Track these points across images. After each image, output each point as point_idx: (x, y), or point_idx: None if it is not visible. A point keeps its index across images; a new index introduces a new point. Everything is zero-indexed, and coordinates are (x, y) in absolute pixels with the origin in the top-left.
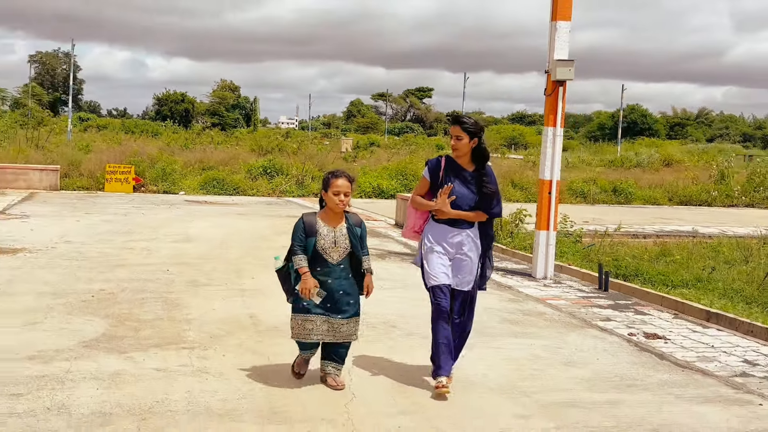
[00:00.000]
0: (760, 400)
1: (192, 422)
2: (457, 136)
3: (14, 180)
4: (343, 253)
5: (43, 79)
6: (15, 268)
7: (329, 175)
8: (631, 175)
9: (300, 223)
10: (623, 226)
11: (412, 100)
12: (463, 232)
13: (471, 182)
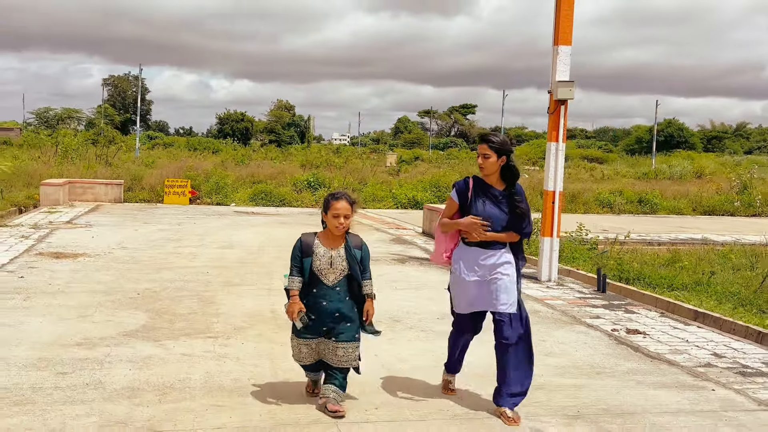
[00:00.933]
0: (714, 386)
1: (205, 396)
2: (485, 154)
3: (82, 193)
4: (340, 275)
5: (115, 101)
6: (75, 271)
7: (330, 197)
8: (662, 186)
9: (298, 243)
10: (641, 234)
11: (456, 117)
12: (496, 254)
13: (502, 202)
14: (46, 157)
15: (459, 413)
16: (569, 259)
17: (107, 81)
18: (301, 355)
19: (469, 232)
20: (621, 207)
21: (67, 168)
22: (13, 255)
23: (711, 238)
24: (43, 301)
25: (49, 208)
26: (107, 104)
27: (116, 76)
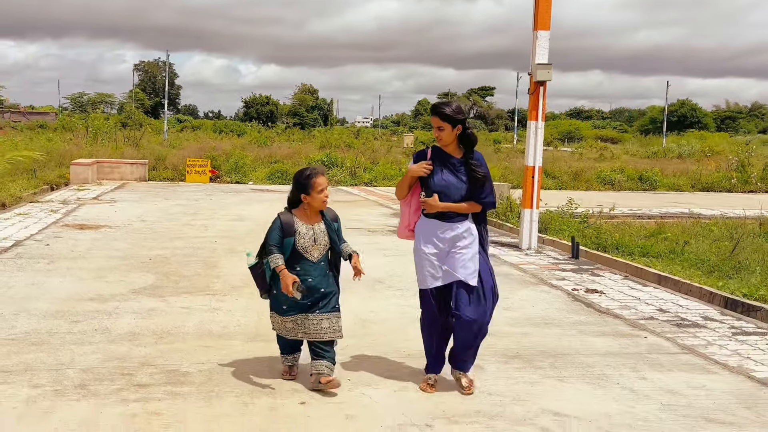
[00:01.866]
0: (648, 335)
1: (195, 340)
2: (438, 126)
3: (110, 172)
4: (324, 250)
5: (146, 86)
6: (95, 240)
7: (307, 177)
8: (667, 165)
9: (277, 222)
10: (633, 209)
11: (474, 99)
12: (456, 226)
13: (460, 169)
14: (77, 139)
15: (413, 352)
16: (557, 231)
17: (138, 66)
18: (286, 329)
19: (427, 204)
20: (622, 184)
21: (97, 149)
22: (42, 226)
23: (700, 212)
24: (65, 265)
25: (78, 186)
26: (138, 89)
27: (147, 61)
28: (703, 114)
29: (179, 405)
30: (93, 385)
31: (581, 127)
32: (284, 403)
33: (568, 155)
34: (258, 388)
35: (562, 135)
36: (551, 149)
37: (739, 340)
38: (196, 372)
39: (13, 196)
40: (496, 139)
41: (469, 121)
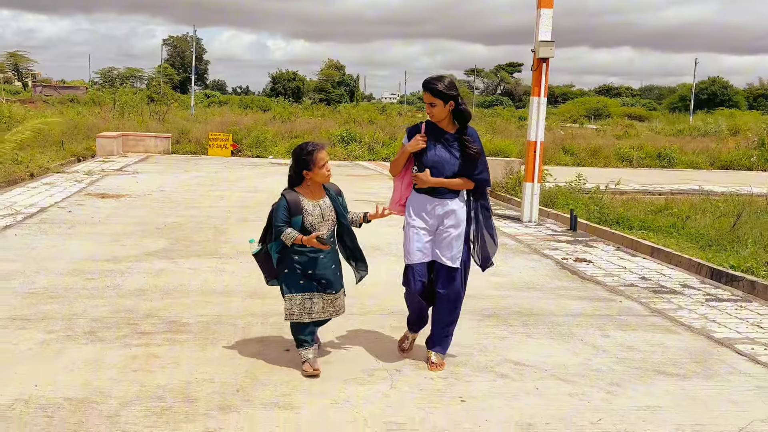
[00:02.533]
0: (623, 299)
1: (198, 296)
2: (431, 102)
3: (135, 145)
4: (332, 225)
5: (174, 61)
6: (115, 208)
7: (308, 153)
8: (690, 143)
9: (282, 201)
10: (645, 185)
11: (502, 75)
12: (446, 203)
13: (453, 145)
14: (105, 113)
15: (396, 311)
16: (562, 206)
17: (167, 41)
18: (305, 310)
19: (419, 179)
20: (640, 161)
21: (123, 123)
22: (66, 195)
23: (712, 189)
24: (85, 230)
25: (103, 158)
26: (167, 64)
27: (175, 36)
28: (735, 92)
29: (176, 350)
30: (101, 332)
31: (609, 104)
32: (270, 350)
33: (591, 132)
34: (249, 338)
35: (589, 112)
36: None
37: (710, 306)
38: (194, 323)
39: (41, 167)
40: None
41: (497, 97)
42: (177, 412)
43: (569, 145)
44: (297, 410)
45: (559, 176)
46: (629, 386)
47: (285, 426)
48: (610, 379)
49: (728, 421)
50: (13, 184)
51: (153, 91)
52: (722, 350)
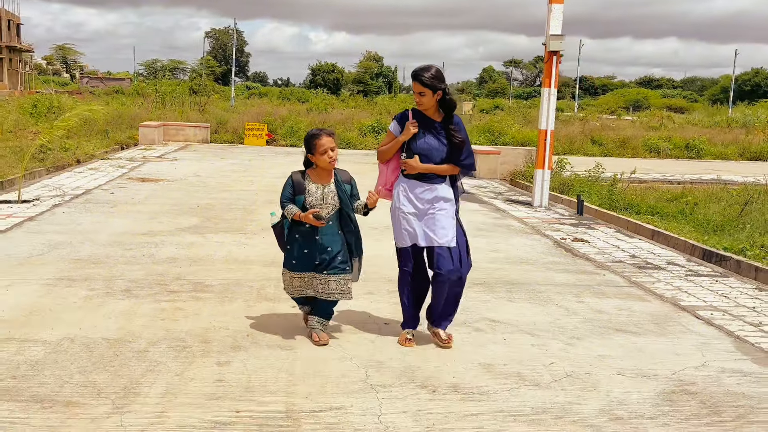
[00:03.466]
0: (607, 272)
1: (222, 264)
2: (420, 92)
3: (175, 134)
4: (332, 209)
5: (216, 53)
6: (153, 190)
7: (310, 138)
8: (720, 135)
9: (289, 180)
10: (665, 174)
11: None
12: (435, 188)
13: (441, 133)
14: (147, 104)
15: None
16: (578, 192)
17: (209, 34)
18: (293, 287)
19: (408, 165)
20: (667, 152)
21: (165, 113)
22: (109, 179)
23: (733, 179)
24: (125, 209)
25: (145, 147)
26: (209, 56)
27: (218, 29)
28: None
29: (199, 304)
30: (135, 291)
31: (650, 95)
32: (281, 306)
33: (626, 123)
34: (262, 297)
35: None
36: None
37: (687, 280)
38: (216, 284)
39: (86, 153)
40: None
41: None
42: (195, 349)
43: (598, 136)
44: (294, 350)
45: (585, 166)
46: (587, 340)
47: (283, 361)
48: (572, 334)
49: (665, 366)
50: (61, 169)
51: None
52: (683, 315)
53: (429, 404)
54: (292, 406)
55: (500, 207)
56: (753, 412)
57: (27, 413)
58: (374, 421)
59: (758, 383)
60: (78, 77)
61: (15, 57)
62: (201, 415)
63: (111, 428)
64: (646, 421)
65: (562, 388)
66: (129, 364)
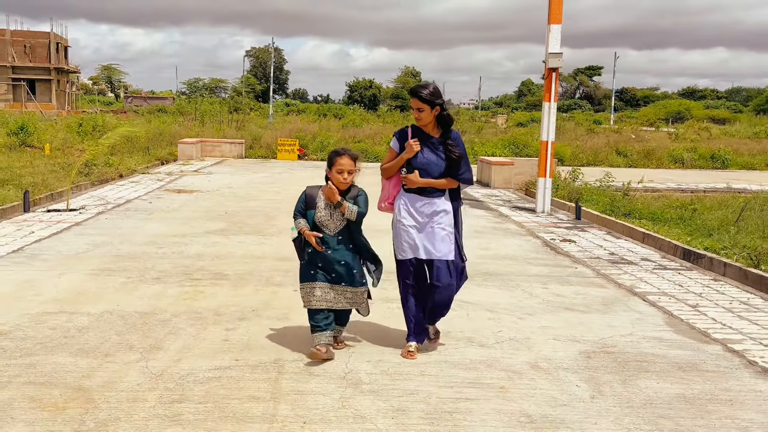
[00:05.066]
0: (580, 266)
1: (240, 258)
2: (418, 108)
3: (212, 150)
4: (340, 225)
5: (257, 71)
6: (187, 200)
7: (333, 154)
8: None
9: (302, 195)
10: (680, 184)
11: (581, 79)
12: (434, 202)
13: (438, 148)
14: (187, 122)
15: None
16: (589, 201)
17: (250, 53)
18: (315, 297)
19: (408, 180)
20: (693, 163)
21: (203, 130)
22: (148, 190)
23: (747, 188)
24: (160, 215)
25: (183, 162)
26: (249, 74)
27: (258, 48)
28: None
29: (217, 288)
30: (164, 278)
31: (692, 107)
32: (283, 289)
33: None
34: (270, 283)
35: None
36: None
37: (652, 272)
38: (233, 274)
39: (128, 168)
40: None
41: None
42: (208, 319)
43: (623, 147)
44: (291, 321)
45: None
46: (538, 316)
47: (278, 328)
48: (526, 311)
49: (596, 335)
50: (105, 182)
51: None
52: (632, 298)
53: (388, 356)
54: (279, 357)
55: (504, 213)
56: (653, 366)
57: (75, 359)
58: (342, 366)
59: (669, 347)
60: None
61: (63, 78)
62: (208, 362)
63: (138, 369)
64: (561, 370)
65: (501, 348)
66: (155, 329)
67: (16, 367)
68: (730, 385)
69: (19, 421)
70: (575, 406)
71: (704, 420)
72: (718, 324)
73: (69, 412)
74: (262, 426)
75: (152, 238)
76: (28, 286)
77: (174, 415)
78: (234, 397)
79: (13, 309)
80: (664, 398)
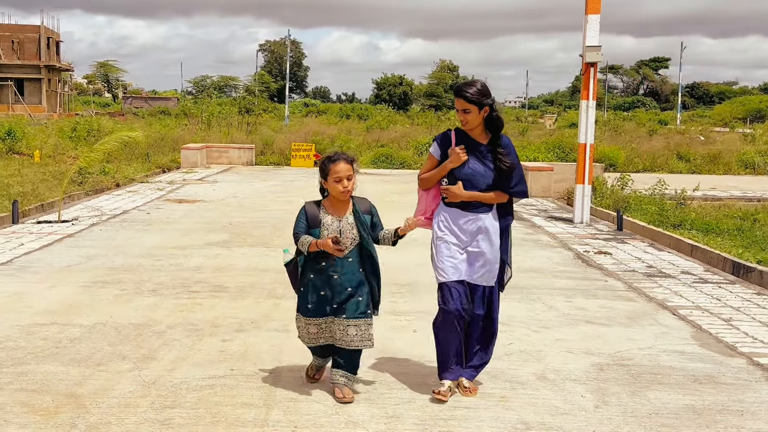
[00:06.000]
0: (611, 279)
1: (242, 271)
2: (464, 109)
3: (218, 157)
4: (351, 244)
5: (271, 68)
6: (189, 211)
7: (326, 161)
8: None
9: (302, 212)
10: (746, 192)
11: (645, 72)
12: (480, 218)
13: (486, 156)
14: (192, 125)
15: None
16: (636, 210)
17: (264, 47)
18: (309, 335)
19: (450, 192)
20: (766, 168)
21: (210, 134)
22: (146, 200)
23: None
24: (159, 227)
25: (187, 170)
26: (263, 71)
27: (272, 41)
28: None
29: (215, 301)
30: (160, 291)
31: None
32: (284, 301)
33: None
34: (272, 295)
35: (749, 113)
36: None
37: (691, 286)
38: (233, 287)
39: (126, 177)
40: (662, 120)
41: (639, 97)
42: (205, 331)
43: (685, 151)
44: (291, 333)
45: (671, 183)
46: (554, 329)
47: (277, 339)
48: (543, 324)
49: (613, 348)
50: (100, 192)
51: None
52: (662, 312)
53: (388, 366)
54: (276, 367)
55: (537, 223)
56: (668, 378)
57: (67, 368)
58: None
59: (690, 360)
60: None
61: (54, 77)
62: (202, 372)
63: (130, 378)
64: (568, 381)
65: (508, 360)
66: (149, 340)
67: (8, 375)
68: (745, 397)
69: (12, 424)
70: (576, 414)
71: (709, 429)
72: (749, 338)
73: (61, 416)
74: (252, 430)
75: (149, 250)
76: (18, 298)
77: (165, 419)
78: (227, 404)
79: (3, 321)
80: (672, 409)
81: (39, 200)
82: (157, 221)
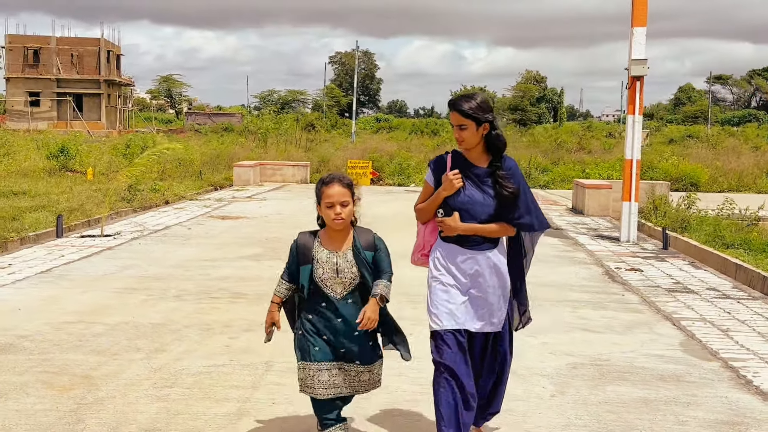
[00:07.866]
0: (627, 293)
1: (266, 281)
2: (460, 125)
3: (272, 174)
4: (350, 285)
5: (342, 80)
6: (230, 226)
7: (319, 183)
8: None
9: (292, 245)
10: None
11: (758, 83)
12: (480, 256)
13: (485, 181)
14: (248, 142)
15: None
16: (696, 230)
17: (333, 59)
18: (320, 383)
19: (445, 225)
20: None
21: (266, 151)
22: (190, 217)
23: None
24: (197, 241)
25: (238, 187)
26: (333, 84)
27: (344, 53)
28: None
29: (234, 306)
30: (183, 296)
31: None
32: None
33: None
34: None
35: None
36: None
37: (709, 301)
38: (253, 294)
39: (176, 195)
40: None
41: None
42: (216, 330)
43: None
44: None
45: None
46: (546, 335)
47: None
48: (536, 331)
49: (595, 351)
50: (147, 209)
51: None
52: (662, 322)
53: None
54: (272, 359)
55: (580, 241)
56: (634, 376)
57: (86, 357)
58: None
59: (665, 362)
60: (183, 113)
61: (114, 92)
62: (204, 362)
63: (140, 365)
64: (536, 376)
65: None
66: (163, 336)
67: (33, 361)
68: (699, 392)
69: (32, 396)
70: (529, 401)
71: (649, 415)
72: (737, 346)
73: (74, 392)
74: (235, 404)
75: (182, 262)
76: (52, 301)
77: (162, 396)
78: (218, 386)
79: (36, 319)
80: (624, 400)
81: (85, 216)
82: (196, 236)
